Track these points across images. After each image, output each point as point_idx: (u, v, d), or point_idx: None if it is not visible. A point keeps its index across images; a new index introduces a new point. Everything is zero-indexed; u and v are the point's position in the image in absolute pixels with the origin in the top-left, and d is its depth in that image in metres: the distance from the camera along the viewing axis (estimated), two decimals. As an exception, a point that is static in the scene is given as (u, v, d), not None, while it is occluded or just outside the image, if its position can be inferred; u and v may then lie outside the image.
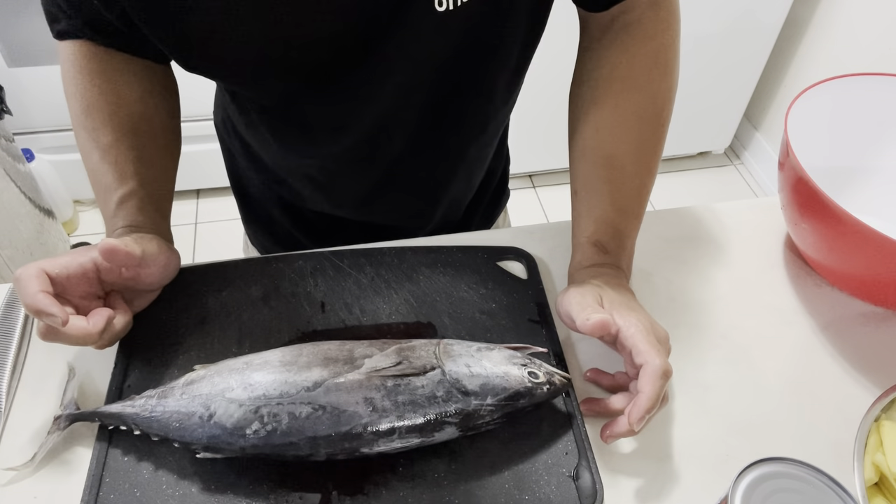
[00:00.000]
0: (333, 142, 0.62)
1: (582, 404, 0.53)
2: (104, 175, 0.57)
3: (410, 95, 0.57)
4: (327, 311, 0.59)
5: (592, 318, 0.48)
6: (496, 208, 0.84)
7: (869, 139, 0.69)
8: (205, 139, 1.84)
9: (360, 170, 0.66)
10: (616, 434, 0.48)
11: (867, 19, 1.70)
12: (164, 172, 0.61)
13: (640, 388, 0.46)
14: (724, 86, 1.98)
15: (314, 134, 0.61)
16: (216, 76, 0.56)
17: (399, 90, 0.56)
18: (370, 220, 0.73)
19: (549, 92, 1.53)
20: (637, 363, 0.48)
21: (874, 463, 0.49)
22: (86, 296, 0.52)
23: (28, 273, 0.47)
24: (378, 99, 0.56)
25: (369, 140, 0.61)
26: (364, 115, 0.58)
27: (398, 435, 0.47)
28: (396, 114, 0.59)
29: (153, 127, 0.60)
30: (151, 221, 0.58)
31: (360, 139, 0.61)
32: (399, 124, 0.60)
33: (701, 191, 2.15)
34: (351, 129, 0.60)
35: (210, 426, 0.47)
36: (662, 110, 0.58)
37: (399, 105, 0.57)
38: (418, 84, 0.56)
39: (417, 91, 0.57)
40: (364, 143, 0.61)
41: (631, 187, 0.57)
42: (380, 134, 0.61)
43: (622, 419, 0.47)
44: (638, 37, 0.56)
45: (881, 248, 0.52)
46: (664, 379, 0.47)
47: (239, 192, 0.80)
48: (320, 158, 0.65)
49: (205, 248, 1.90)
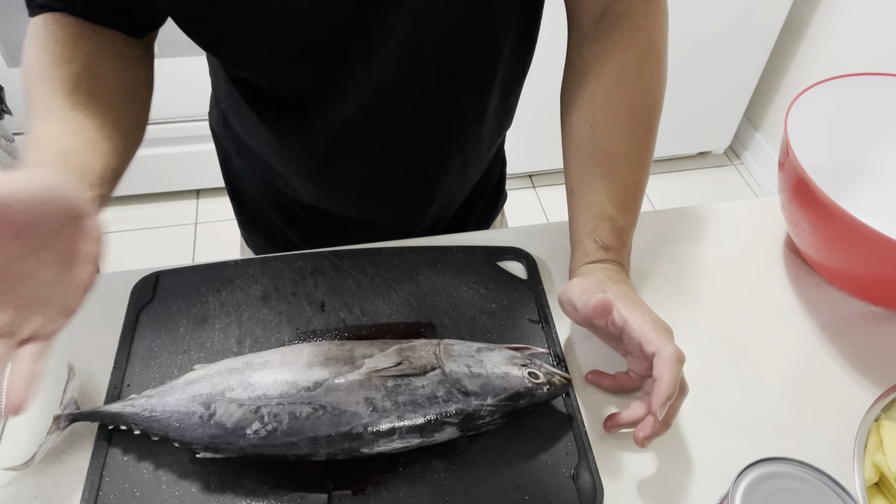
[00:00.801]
0: (326, 120, 0.61)
1: (605, 422, 0.53)
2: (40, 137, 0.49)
3: (408, 69, 0.56)
4: (327, 310, 0.59)
5: (594, 299, 0.48)
6: (493, 210, 0.84)
7: (869, 139, 0.69)
8: (205, 139, 1.84)
9: (353, 152, 0.65)
10: (650, 434, 0.48)
11: (867, 19, 1.70)
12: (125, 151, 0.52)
13: (658, 375, 0.46)
14: (724, 86, 1.98)
15: (307, 112, 0.61)
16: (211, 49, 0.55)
17: (396, 64, 0.55)
18: (363, 217, 0.73)
19: (549, 92, 1.52)
20: (649, 352, 0.48)
21: (874, 463, 0.49)
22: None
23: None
24: (374, 74, 0.56)
25: (363, 120, 0.60)
26: (359, 92, 0.57)
27: (398, 435, 0.47)
28: (392, 91, 0.58)
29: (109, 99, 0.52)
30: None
31: (354, 118, 0.60)
32: (395, 102, 0.59)
33: (701, 191, 2.15)
34: (345, 105, 0.59)
35: (210, 426, 0.47)
36: (654, 103, 0.58)
37: (396, 80, 0.57)
38: (416, 57, 0.55)
39: (415, 64, 0.56)
40: (358, 123, 0.61)
41: (627, 182, 0.58)
42: (374, 113, 0.60)
43: (648, 417, 0.47)
44: (627, 29, 0.57)
45: (881, 248, 0.52)
46: (679, 364, 0.47)
47: (234, 194, 0.80)
48: (314, 139, 0.64)
49: (205, 248, 1.90)
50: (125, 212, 1.97)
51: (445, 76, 0.58)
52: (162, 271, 0.62)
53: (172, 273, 0.62)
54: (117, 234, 1.92)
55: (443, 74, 0.58)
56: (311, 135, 0.63)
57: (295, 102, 0.60)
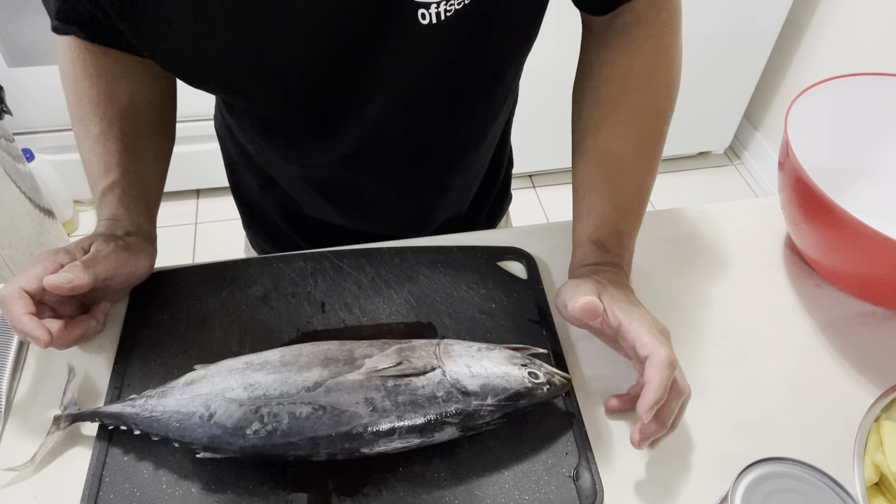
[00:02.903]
0: (323, 153, 0.62)
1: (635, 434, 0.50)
2: (91, 165, 0.58)
3: (399, 111, 0.57)
4: (327, 311, 0.59)
5: (581, 300, 0.48)
6: (498, 212, 0.84)
7: (869, 139, 0.69)
8: (205, 139, 1.84)
9: (352, 182, 0.66)
10: (645, 436, 0.47)
11: (867, 20, 1.70)
12: (150, 167, 0.61)
13: (648, 379, 0.46)
14: (724, 86, 1.98)
15: (303, 146, 0.62)
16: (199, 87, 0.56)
17: (387, 107, 0.56)
18: (368, 230, 0.73)
19: (550, 92, 1.53)
20: (642, 355, 0.48)
21: (874, 463, 0.49)
22: (62, 301, 0.53)
23: (11, 295, 0.49)
24: (366, 117, 0.56)
25: (359, 152, 0.61)
26: (352, 130, 0.58)
27: (398, 435, 0.47)
28: (386, 129, 0.59)
29: (140, 122, 0.60)
30: (131, 215, 0.58)
31: (349, 153, 0.61)
32: (390, 138, 0.60)
33: (701, 191, 2.15)
34: (342, 142, 0.60)
35: (210, 426, 0.47)
36: (663, 109, 0.58)
37: (389, 119, 0.57)
38: (408, 98, 0.56)
39: (408, 105, 0.57)
40: (355, 156, 0.62)
41: (631, 186, 0.58)
42: (370, 147, 0.61)
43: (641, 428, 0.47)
44: (639, 36, 0.56)
45: (881, 248, 0.52)
46: (670, 369, 0.46)
47: (239, 196, 0.80)
48: (312, 168, 0.65)
49: (205, 248, 1.90)
50: (125, 212, 1.97)
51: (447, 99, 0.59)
52: (162, 271, 0.62)
53: (172, 273, 0.62)
54: (117, 235, 1.92)
55: (437, 108, 0.59)
56: (310, 156, 0.64)
57: (291, 129, 0.61)
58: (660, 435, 0.48)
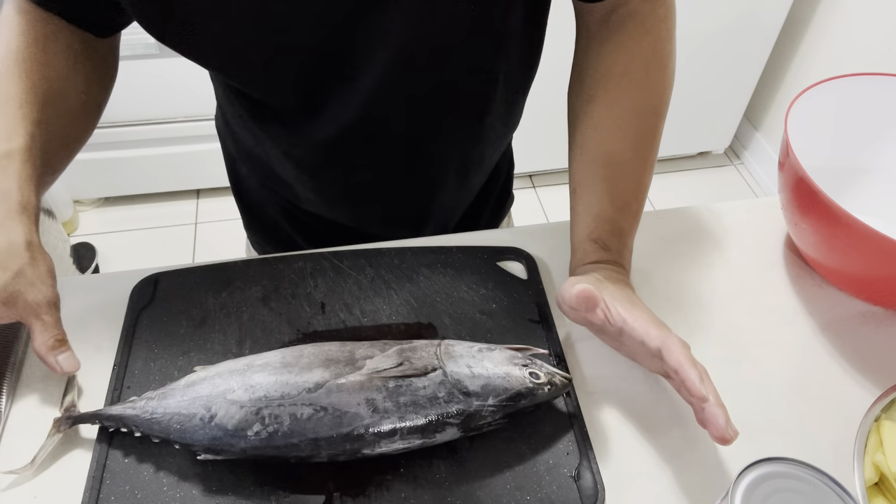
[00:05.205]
0: (321, 130, 0.61)
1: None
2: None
3: (401, 86, 0.56)
4: (327, 311, 0.59)
5: (576, 288, 0.48)
6: (500, 213, 0.84)
7: (869, 139, 0.69)
8: (205, 139, 1.85)
9: (349, 162, 0.65)
10: (723, 421, 0.44)
11: (867, 19, 1.70)
12: (59, 147, 0.58)
13: (676, 365, 0.46)
14: (724, 86, 1.98)
15: (301, 122, 0.61)
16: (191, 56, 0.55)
17: (388, 81, 0.55)
18: (365, 226, 0.73)
19: (549, 92, 1.52)
20: (654, 347, 0.47)
21: (874, 463, 0.49)
22: None
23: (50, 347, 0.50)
24: (366, 89, 0.56)
25: (358, 131, 0.60)
26: (351, 107, 0.58)
27: (400, 436, 0.47)
28: (385, 101, 0.58)
29: (66, 103, 0.57)
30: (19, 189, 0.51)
31: (348, 130, 0.60)
32: (388, 118, 0.60)
33: (701, 191, 2.15)
34: (338, 117, 0.59)
35: (211, 428, 0.47)
36: (660, 105, 0.58)
37: (388, 90, 0.57)
38: (409, 74, 0.55)
39: (408, 81, 0.56)
40: (353, 135, 0.61)
41: (629, 184, 0.57)
42: (369, 126, 0.60)
43: (710, 412, 0.45)
44: (635, 31, 0.56)
45: (881, 248, 0.52)
46: (688, 349, 0.46)
47: (240, 197, 0.80)
48: (310, 148, 0.64)
49: (205, 248, 1.90)
50: (125, 212, 1.97)
51: (440, 93, 0.59)
52: (162, 272, 0.62)
53: (172, 274, 0.62)
54: (117, 234, 1.92)
55: (438, 91, 0.59)
56: (307, 144, 0.63)
57: (288, 112, 0.60)
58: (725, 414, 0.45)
